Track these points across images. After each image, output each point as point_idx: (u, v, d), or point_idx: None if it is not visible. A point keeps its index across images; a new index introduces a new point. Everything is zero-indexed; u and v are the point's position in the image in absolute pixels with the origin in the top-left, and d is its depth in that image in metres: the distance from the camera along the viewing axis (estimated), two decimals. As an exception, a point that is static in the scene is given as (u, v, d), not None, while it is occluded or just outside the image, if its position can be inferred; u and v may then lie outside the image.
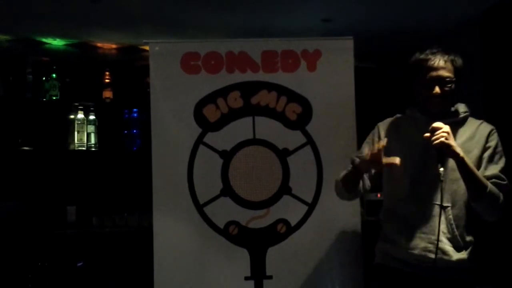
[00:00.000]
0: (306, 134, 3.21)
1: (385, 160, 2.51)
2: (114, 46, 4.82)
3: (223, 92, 3.23)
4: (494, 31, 4.02)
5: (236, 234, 3.18)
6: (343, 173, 2.76)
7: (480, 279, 2.67)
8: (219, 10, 4.02)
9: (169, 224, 3.18)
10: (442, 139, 2.42)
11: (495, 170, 2.56)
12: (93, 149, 4.65)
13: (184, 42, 3.40)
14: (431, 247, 2.52)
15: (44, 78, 4.61)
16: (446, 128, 2.45)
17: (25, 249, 4.30)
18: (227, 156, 3.21)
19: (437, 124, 2.46)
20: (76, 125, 4.59)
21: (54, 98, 4.60)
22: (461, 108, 2.70)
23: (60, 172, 4.61)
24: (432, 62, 2.58)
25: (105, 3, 3.82)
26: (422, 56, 2.62)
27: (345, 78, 3.23)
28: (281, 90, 3.23)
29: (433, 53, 2.60)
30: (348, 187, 2.76)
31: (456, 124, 2.62)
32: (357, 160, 2.66)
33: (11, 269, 4.20)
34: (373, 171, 2.73)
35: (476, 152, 2.58)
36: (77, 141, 4.58)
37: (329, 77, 3.23)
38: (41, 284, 4.23)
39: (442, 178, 2.45)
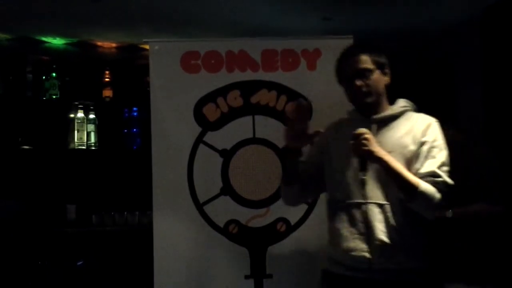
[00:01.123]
0: (306, 133, 3.21)
1: (310, 131, 2.57)
2: (114, 45, 4.81)
3: (223, 91, 3.24)
4: (494, 30, 4.02)
5: (236, 233, 3.19)
6: None
7: (431, 280, 2.63)
8: (219, 9, 4.02)
9: (169, 223, 3.19)
10: (363, 147, 2.43)
11: (432, 167, 2.49)
12: (93, 148, 4.64)
13: (184, 41, 3.40)
14: (371, 248, 2.48)
15: (44, 77, 4.60)
16: (367, 134, 2.44)
17: (25, 247, 4.30)
18: (227, 155, 3.21)
19: (359, 130, 2.46)
20: (76, 124, 4.59)
21: (54, 97, 4.60)
22: (399, 102, 2.68)
23: (60, 171, 4.60)
24: (348, 58, 2.63)
25: (105, 2, 3.82)
26: (338, 58, 2.69)
27: (345, 77, 3.22)
28: (281, 89, 3.23)
29: (347, 51, 2.68)
30: (286, 180, 2.75)
31: (392, 119, 2.61)
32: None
33: (11, 268, 4.20)
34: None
35: (412, 147, 2.53)
36: (77, 140, 4.58)
37: (329, 76, 3.20)
38: (41, 282, 4.23)
39: (365, 184, 2.47)
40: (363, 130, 2.47)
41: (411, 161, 2.51)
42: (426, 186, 2.44)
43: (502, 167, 3.17)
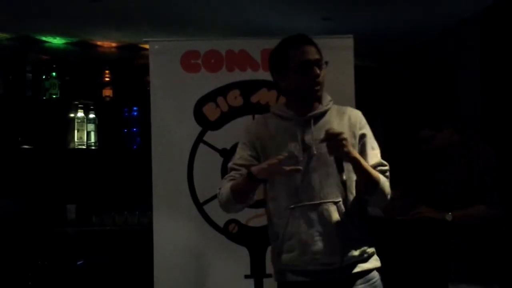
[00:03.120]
0: (306, 132, 3.21)
1: (289, 168, 2.33)
2: (114, 44, 4.82)
3: (223, 90, 3.24)
4: (494, 30, 4.02)
5: (236, 233, 3.18)
6: (228, 184, 2.49)
7: (386, 276, 2.62)
8: (219, 8, 4.02)
9: (169, 222, 3.18)
10: (343, 148, 2.31)
11: (377, 157, 2.47)
12: (93, 147, 4.65)
13: (184, 40, 3.40)
14: (333, 247, 2.40)
15: (44, 77, 4.61)
16: (343, 134, 2.33)
17: (25, 247, 4.30)
18: (227, 154, 3.21)
19: (334, 130, 2.34)
20: (76, 123, 4.60)
21: (54, 96, 4.60)
22: (326, 97, 2.58)
23: (60, 170, 4.61)
24: (303, 46, 2.49)
25: (105, 1, 3.82)
26: (289, 46, 2.52)
27: (345, 77, 3.22)
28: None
29: (300, 40, 2.52)
30: (240, 198, 2.48)
31: (323, 114, 2.52)
32: (254, 169, 2.39)
33: (11, 267, 4.20)
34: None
35: (352, 141, 2.45)
36: (77, 139, 4.59)
37: (329, 75, 3.20)
38: (41, 282, 4.23)
39: (346, 188, 2.37)
40: (335, 130, 2.36)
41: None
42: (383, 179, 2.43)
43: (501, 167, 3.17)
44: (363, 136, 2.50)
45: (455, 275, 3.10)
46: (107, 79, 4.79)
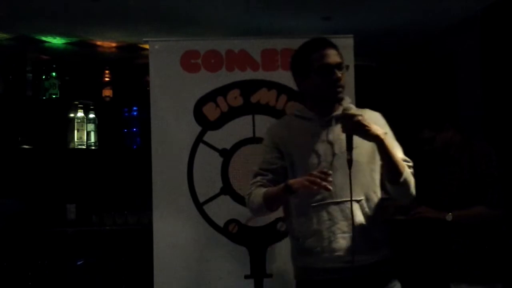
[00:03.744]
0: (306, 132, 3.20)
1: (324, 183, 2.32)
2: (113, 44, 4.82)
3: (223, 90, 3.23)
4: (493, 29, 4.02)
5: (236, 233, 3.18)
6: (261, 191, 2.54)
7: (399, 270, 2.64)
8: (219, 8, 4.02)
9: (169, 222, 3.18)
10: (361, 126, 2.34)
11: (400, 154, 2.50)
12: (93, 147, 4.65)
13: (184, 40, 3.39)
14: (356, 245, 2.43)
15: (43, 77, 4.61)
16: (360, 115, 2.36)
17: (25, 247, 4.30)
18: (227, 154, 3.21)
19: (352, 110, 2.38)
20: (76, 123, 4.59)
21: (53, 96, 4.60)
22: (347, 99, 2.61)
23: (60, 170, 4.61)
24: (326, 50, 2.54)
25: (104, 1, 3.82)
26: (311, 49, 2.56)
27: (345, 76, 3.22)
28: (281, 88, 3.23)
29: (323, 43, 2.57)
30: (273, 207, 2.57)
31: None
32: (292, 182, 2.42)
33: (11, 267, 4.20)
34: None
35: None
36: (77, 139, 4.58)
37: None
38: (41, 282, 4.23)
39: (350, 167, 2.37)
40: (350, 107, 2.41)
41: (373, 154, 2.49)
42: (408, 170, 2.45)
43: (502, 167, 3.17)
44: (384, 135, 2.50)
45: (457, 275, 3.10)
46: (107, 79, 4.79)
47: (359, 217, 2.47)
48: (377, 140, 2.39)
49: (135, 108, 4.80)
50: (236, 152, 3.21)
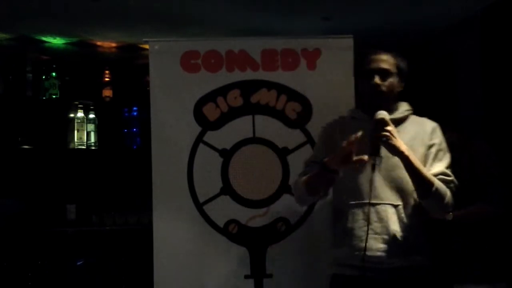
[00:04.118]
0: (306, 132, 3.21)
1: (355, 157, 2.45)
2: (114, 44, 4.81)
3: (223, 90, 3.24)
4: (493, 29, 4.02)
5: (236, 233, 3.18)
6: (303, 177, 2.69)
7: (438, 277, 2.67)
8: (219, 8, 4.02)
9: (169, 222, 3.19)
10: (385, 139, 2.43)
11: (441, 167, 2.57)
12: (93, 147, 4.65)
13: (184, 40, 3.40)
14: (386, 247, 2.51)
15: (43, 77, 4.60)
16: (390, 126, 2.46)
17: (25, 247, 4.30)
18: (227, 154, 3.21)
19: (379, 116, 2.47)
20: (75, 123, 4.59)
21: (53, 96, 4.60)
22: (403, 106, 2.72)
23: (60, 170, 4.60)
24: (374, 55, 2.65)
25: (104, 1, 3.81)
26: (363, 53, 2.69)
27: (345, 77, 3.22)
28: (281, 88, 3.23)
29: (377, 49, 2.67)
30: (312, 190, 2.67)
31: (398, 122, 2.63)
32: (326, 159, 2.54)
33: (11, 267, 4.20)
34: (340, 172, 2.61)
35: (421, 150, 2.60)
36: (77, 139, 4.58)
37: (329, 75, 3.24)
38: (41, 282, 4.23)
39: (374, 172, 2.48)
40: (383, 114, 2.47)
41: (422, 162, 2.56)
42: (440, 185, 2.50)
43: (502, 166, 3.17)
44: (431, 146, 2.61)
45: (460, 275, 3.09)
46: (107, 79, 4.78)
47: (394, 222, 2.53)
48: (401, 156, 2.47)
49: (135, 108, 4.80)
50: (236, 152, 3.22)
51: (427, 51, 4.83)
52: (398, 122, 2.63)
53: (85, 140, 4.60)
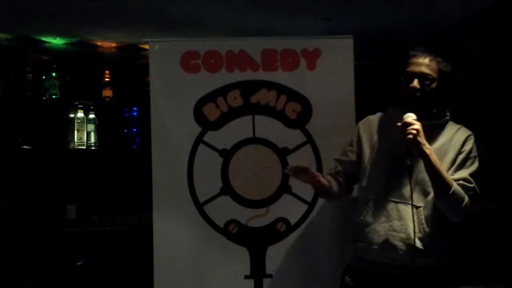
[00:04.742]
0: (306, 133, 3.21)
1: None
2: (114, 44, 4.82)
3: (223, 91, 3.23)
4: (493, 29, 4.02)
5: (236, 233, 3.18)
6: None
7: (456, 279, 2.68)
8: (219, 9, 4.02)
9: (169, 222, 3.18)
10: (411, 136, 2.46)
11: (464, 174, 2.59)
12: (93, 147, 4.65)
13: (184, 41, 3.40)
14: (403, 246, 2.54)
15: (44, 77, 4.61)
16: (417, 125, 2.49)
17: (24, 247, 4.30)
18: (227, 155, 3.21)
19: (408, 118, 2.50)
20: (76, 123, 4.59)
21: (54, 96, 4.61)
22: (443, 112, 2.74)
23: (60, 170, 4.61)
24: (416, 58, 2.66)
25: (105, 1, 3.82)
26: (410, 52, 2.70)
27: (345, 77, 3.23)
28: (281, 89, 3.23)
29: (421, 51, 2.68)
30: (321, 196, 2.93)
31: (436, 127, 2.67)
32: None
33: (11, 267, 4.20)
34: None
35: (451, 155, 2.62)
36: (77, 139, 4.59)
37: (329, 75, 3.23)
38: (40, 282, 4.23)
39: (410, 173, 2.52)
40: (411, 118, 2.51)
41: (447, 167, 2.59)
42: (458, 189, 2.52)
43: (503, 165, 3.17)
44: (461, 153, 2.63)
45: (458, 277, 3.09)
46: (107, 79, 4.79)
47: (413, 222, 2.55)
48: (423, 156, 2.50)
49: (135, 108, 4.81)
50: (236, 153, 3.21)
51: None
52: (435, 127, 2.66)
53: (85, 140, 4.61)
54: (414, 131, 2.47)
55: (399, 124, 2.52)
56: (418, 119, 2.55)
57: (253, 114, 3.22)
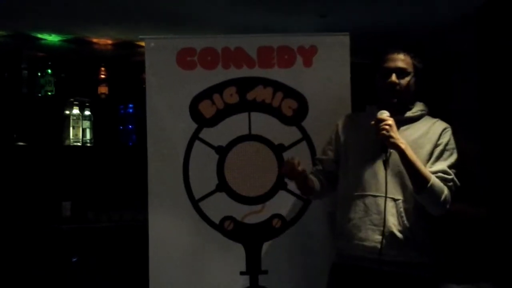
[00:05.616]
0: (302, 129, 3.22)
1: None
2: (109, 41, 4.81)
3: (219, 87, 3.24)
4: (488, 27, 4.03)
5: (232, 229, 3.19)
6: None
7: (443, 277, 2.69)
8: (216, 6, 4.02)
9: (164, 219, 3.18)
10: (384, 131, 2.51)
11: (443, 166, 2.61)
12: (89, 144, 4.64)
13: (180, 38, 3.39)
14: (383, 239, 2.56)
15: (39, 74, 4.59)
16: (389, 120, 2.54)
17: (20, 244, 4.29)
18: (222, 151, 3.22)
19: (381, 115, 2.55)
20: (71, 120, 4.58)
21: (49, 93, 4.59)
22: (418, 106, 2.78)
23: (55, 167, 4.60)
24: (391, 54, 2.73)
25: (101, -2, 3.82)
26: (385, 50, 2.76)
27: (341, 74, 3.23)
28: (277, 85, 3.23)
29: (395, 47, 2.74)
30: (303, 193, 2.93)
31: (411, 120, 2.72)
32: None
33: (6, 264, 4.20)
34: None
35: (428, 147, 2.65)
36: (73, 136, 4.58)
37: (325, 73, 3.24)
38: (35, 279, 4.23)
39: (386, 168, 2.56)
40: (384, 114, 2.56)
41: (424, 160, 2.61)
42: (437, 181, 2.54)
43: (492, 166, 3.17)
44: (438, 145, 2.65)
45: (444, 275, 3.10)
46: (102, 76, 4.78)
47: (392, 215, 2.58)
48: (397, 150, 2.54)
49: (131, 105, 4.80)
50: (232, 149, 3.22)
51: (423, 49, 4.83)
52: (410, 121, 2.71)
53: (81, 137, 4.60)
54: (387, 127, 2.51)
55: (372, 122, 2.56)
56: (396, 114, 2.60)
57: (249, 111, 3.23)
